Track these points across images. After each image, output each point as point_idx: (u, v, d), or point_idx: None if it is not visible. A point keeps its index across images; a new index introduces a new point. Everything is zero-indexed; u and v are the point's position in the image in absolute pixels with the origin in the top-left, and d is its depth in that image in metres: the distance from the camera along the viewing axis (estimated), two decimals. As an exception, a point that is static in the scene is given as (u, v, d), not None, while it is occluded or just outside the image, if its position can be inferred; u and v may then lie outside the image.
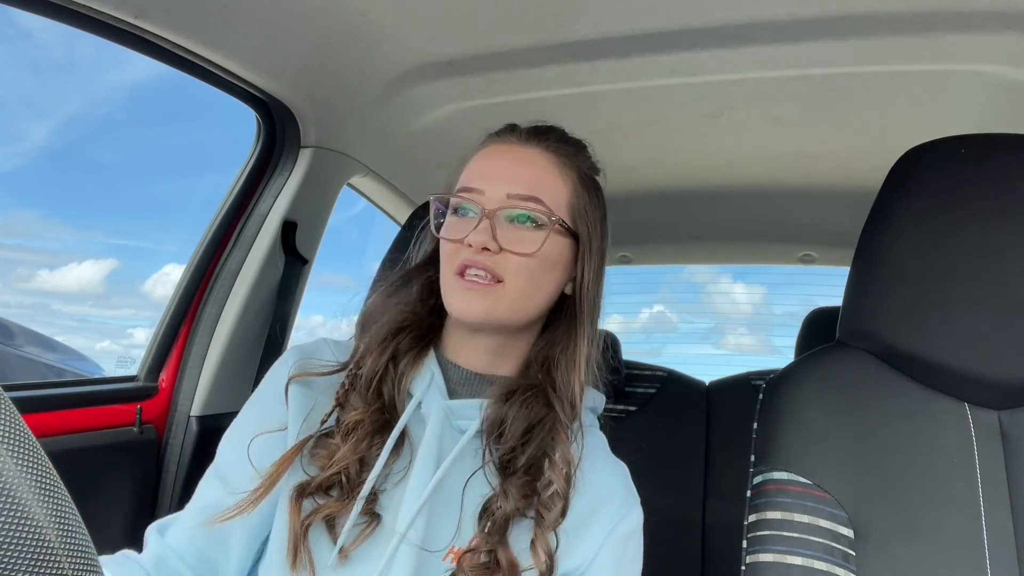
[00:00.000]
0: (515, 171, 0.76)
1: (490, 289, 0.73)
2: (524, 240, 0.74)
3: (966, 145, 0.84)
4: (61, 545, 0.30)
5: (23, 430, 0.31)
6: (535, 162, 0.77)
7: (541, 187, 0.76)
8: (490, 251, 0.72)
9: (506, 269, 0.73)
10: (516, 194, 0.74)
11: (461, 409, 0.76)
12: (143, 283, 4.26)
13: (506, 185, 0.75)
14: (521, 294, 0.74)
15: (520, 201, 0.74)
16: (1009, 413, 0.80)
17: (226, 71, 1.14)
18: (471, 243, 0.72)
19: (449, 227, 0.76)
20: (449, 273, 0.75)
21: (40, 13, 0.92)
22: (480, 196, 0.75)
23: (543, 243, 0.74)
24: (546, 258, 0.75)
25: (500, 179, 0.75)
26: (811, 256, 2.10)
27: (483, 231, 0.72)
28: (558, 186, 0.77)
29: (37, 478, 0.31)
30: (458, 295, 0.73)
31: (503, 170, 0.76)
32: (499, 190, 0.75)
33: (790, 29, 1.07)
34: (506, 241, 0.73)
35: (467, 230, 0.73)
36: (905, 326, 0.82)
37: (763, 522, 0.80)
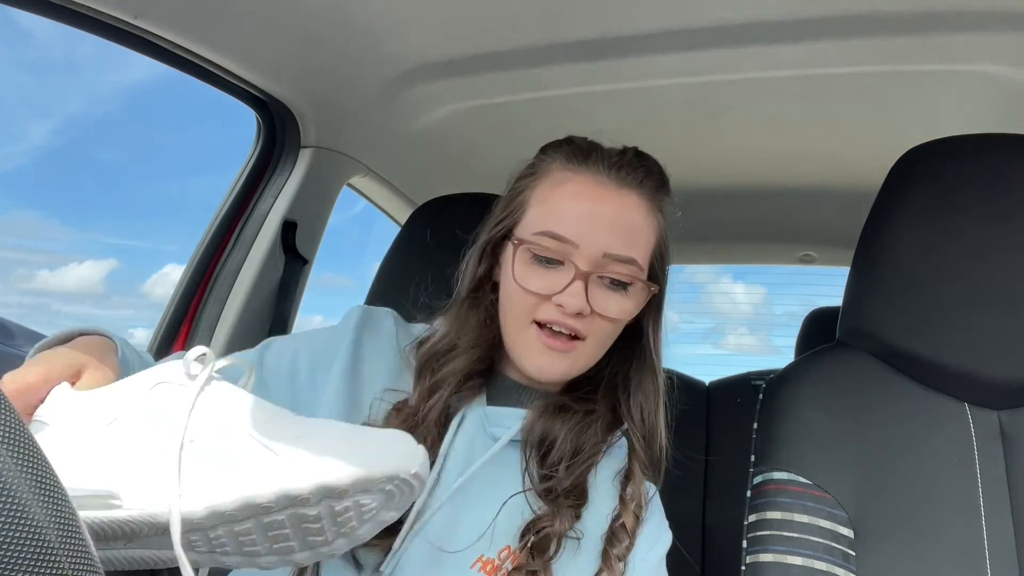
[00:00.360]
0: (614, 225, 0.70)
1: (571, 348, 0.70)
2: (616, 306, 0.71)
3: (966, 145, 0.84)
4: (61, 545, 0.30)
5: (23, 430, 0.31)
6: (632, 214, 0.72)
7: (638, 244, 0.71)
8: (583, 316, 0.69)
9: (591, 329, 0.70)
10: (614, 255, 0.69)
11: (498, 416, 0.74)
12: (143, 283, 4.26)
13: (605, 241, 0.69)
14: (600, 349, 0.73)
15: (618, 265, 0.70)
16: (1009, 413, 0.80)
17: (226, 71, 1.14)
18: (563, 305, 0.68)
19: (532, 276, 0.70)
20: (523, 323, 0.71)
21: (40, 13, 0.92)
22: (574, 251, 0.69)
23: (633, 306, 0.72)
24: (632, 315, 0.73)
25: (598, 233, 0.69)
26: (811, 256, 2.10)
27: (577, 294, 0.68)
28: (649, 237, 0.73)
29: (37, 478, 0.31)
30: (536, 353, 0.71)
31: (602, 222, 0.70)
32: (596, 246, 0.69)
33: (790, 29, 1.07)
34: (598, 304, 0.69)
35: (555, 286, 0.69)
36: (905, 326, 0.82)
37: (763, 522, 0.80)
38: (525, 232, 0.72)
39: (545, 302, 0.69)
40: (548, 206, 0.72)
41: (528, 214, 0.73)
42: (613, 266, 0.70)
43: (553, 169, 0.74)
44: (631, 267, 0.70)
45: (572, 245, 0.69)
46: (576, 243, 0.69)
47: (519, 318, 0.71)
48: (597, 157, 0.73)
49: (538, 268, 0.70)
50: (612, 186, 0.71)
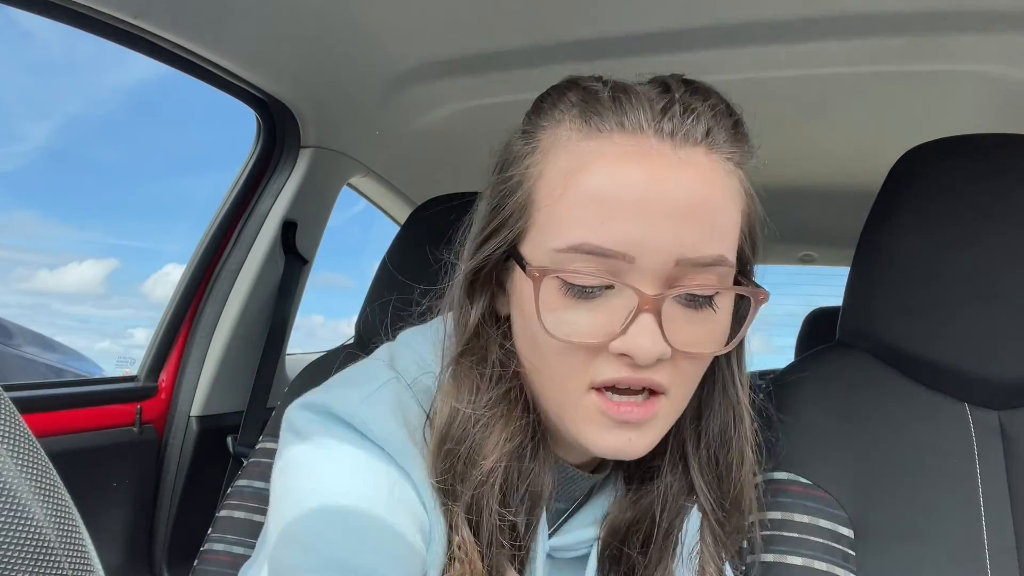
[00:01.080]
0: (685, 210, 0.45)
1: (651, 414, 0.47)
2: (705, 334, 0.48)
3: (966, 145, 0.84)
4: (61, 545, 0.30)
5: (23, 430, 0.31)
6: (707, 184, 0.46)
7: (724, 231, 0.47)
8: (662, 361, 0.46)
9: (675, 375, 0.47)
10: (692, 259, 0.45)
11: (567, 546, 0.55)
12: (143, 283, 4.26)
13: (675, 241, 0.44)
14: (686, 398, 0.51)
15: (701, 272, 0.46)
16: (1009, 413, 0.80)
17: (226, 71, 1.14)
18: (632, 355, 0.45)
19: (570, 318, 0.46)
20: (574, 392, 0.48)
21: (40, 13, 0.92)
22: (629, 267, 0.45)
23: (727, 327, 0.49)
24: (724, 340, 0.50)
25: (662, 230, 0.44)
26: (811, 256, 2.10)
27: (650, 333, 0.44)
28: (734, 214, 0.48)
29: (37, 478, 0.31)
30: (604, 431, 0.47)
31: (664, 210, 0.44)
32: (662, 252, 0.44)
33: (790, 29, 1.07)
34: (681, 337, 0.46)
35: (611, 325, 0.45)
36: (905, 326, 0.82)
37: (763, 522, 0.80)
38: (541, 250, 0.47)
39: (601, 354, 0.46)
40: (570, 202, 0.46)
41: (540, 219, 0.48)
42: (693, 275, 0.46)
43: (564, 137, 0.48)
44: (720, 268, 0.47)
45: (624, 259, 0.44)
46: (631, 255, 0.44)
47: (567, 385, 0.48)
48: (633, 104, 0.47)
49: (577, 303, 0.46)
50: (668, 147, 0.45)
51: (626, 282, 0.45)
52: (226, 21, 1.04)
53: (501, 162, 0.53)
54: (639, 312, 0.45)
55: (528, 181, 0.49)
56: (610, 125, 0.47)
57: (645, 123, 0.46)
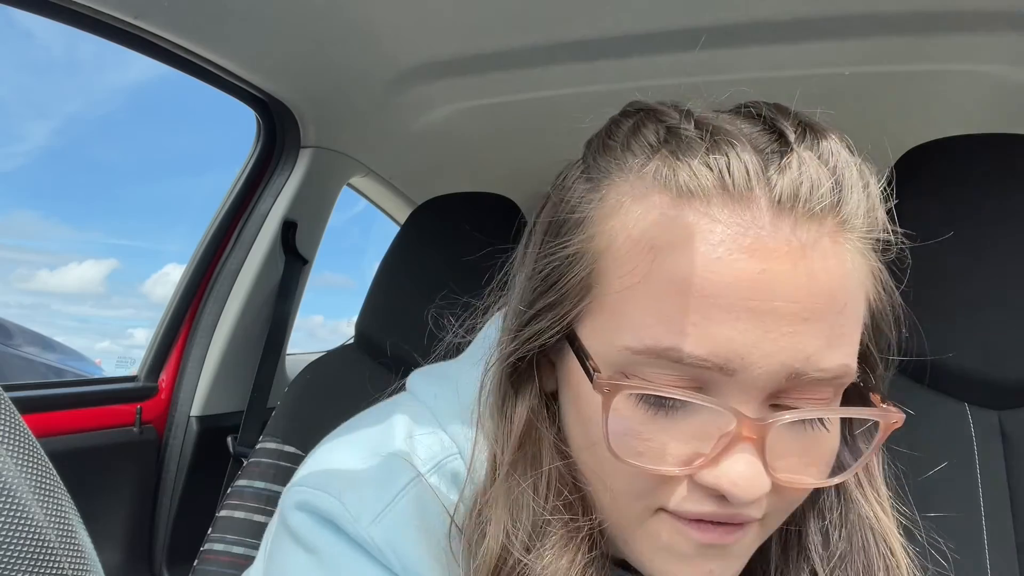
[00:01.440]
0: (803, 315, 0.34)
1: (733, 541, 0.38)
2: (813, 460, 0.38)
3: (966, 145, 0.84)
4: (61, 545, 0.30)
5: (23, 430, 0.31)
6: (836, 279, 0.35)
7: (850, 336, 0.37)
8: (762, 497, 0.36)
9: (772, 507, 0.38)
10: (809, 374, 0.35)
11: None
12: (143, 283, 4.25)
13: (791, 351, 0.34)
14: (780, 521, 0.41)
15: (817, 387, 0.36)
16: (1009, 413, 0.80)
17: (226, 71, 1.14)
18: (728, 493, 0.35)
19: (644, 436, 0.36)
20: (646, 511, 0.38)
21: (40, 13, 0.92)
22: (727, 380, 0.35)
23: (836, 445, 0.39)
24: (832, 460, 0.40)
25: (776, 337, 0.34)
26: (811, 256, 2.10)
27: (750, 468, 0.34)
28: (859, 306, 0.38)
29: (37, 478, 0.31)
30: (677, 560, 0.37)
31: (781, 313, 0.34)
32: (773, 365, 0.34)
33: (790, 29, 1.07)
34: (783, 467, 0.36)
35: (698, 450, 0.36)
36: (905, 326, 0.82)
37: (763, 522, 0.80)
38: (607, 343, 0.37)
39: (678, 481, 0.36)
40: (655, 290, 0.35)
41: (605, 302, 0.37)
42: (806, 390, 0.36)
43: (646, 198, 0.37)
44: (840, 381, 0.37)
45: (724, 372, 0.34)
46: (733, 367, 0.34)
47: (629, 507, 0.38)
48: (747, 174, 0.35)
49: (652, 416, 0.36)
50: (784, 233, 0.34)
51: (723, 401, 0.35)
52: (226, 21, 1.04)
53: (555, 216, 0.40)
54: (738, 440, 0.34)
55: (593, 250, 0.38)
56: (707, 186, 0.35)
57: (764, 204, 0.34)
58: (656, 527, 0.37)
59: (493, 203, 1.13)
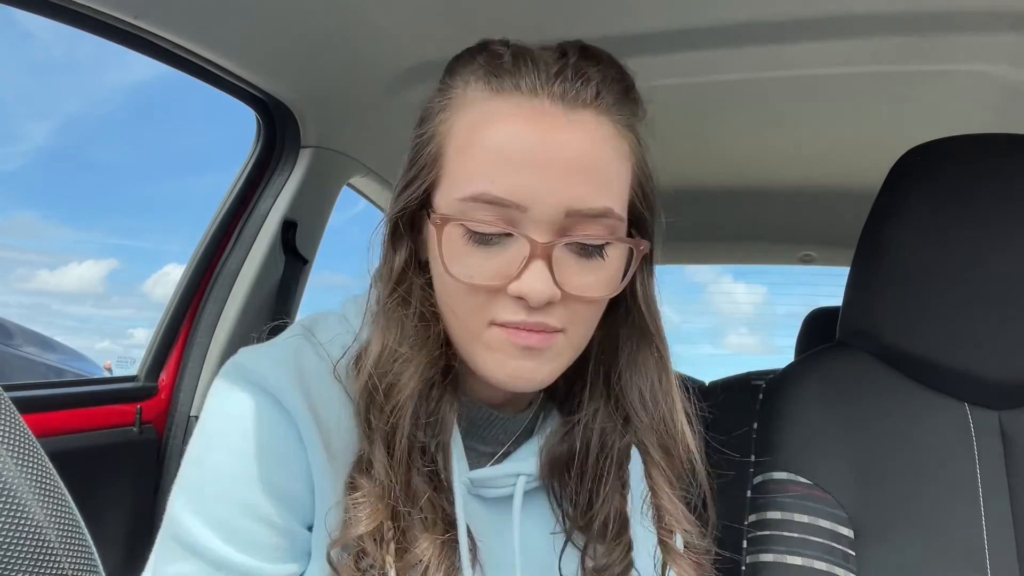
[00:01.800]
0: (574, 166, 0.49)
1: (548, 346, 0.51)
2: (590, 276, 0.52)
3: (966, 145, 0.84)
4: (61, 545, 0.30)
5: (23, 430, 0.31)
6: (596, 143, 0.51)
7: (611, 185, 0.52)
8: (553, 303, 0.50)
9: (570, 318, 0.52)
10: (582, 210, 0.49)
11: (491, 480, 0.56)
12: (143, 283, 4.26)
13: (565, 193, 0.49)
14: (581, 342, 0.55)
15: (589, 223, 0.50)
16: (1009, 413, 0.80)
17: (226, 71, 1.14)
18: (525, 297, 0.49)
19: (472, 263, 0.50)
20: (477, 327, 0.52)
21: (40, 13, 0.92)
22: (523, 216, 0.49)
23: (618, 275, 0.53)
24: (616, 287, 0.54)
25: (553, 182, 0.49)
26: (811, 256, 2.10)
27: (541, 277, 0.49)
28: (623, 171, 0.53)
29: (37, 478, 0.31)
30: (503, 355, 0.51)
31: (555, 165, 0.49)
32: (552, 203, 0.49)
33: (790, 29, 1.07)
34: (572, 282, 0.50)
35: (508, 270, 0.50)
36: (905, 326, 0.82)
37: (763, 522, 0.80)
38: (447, 199, 0.51)
39: (499, 295, 0.50)
40: (473, 155, 0.51)
41: (448, 171, 0.52)
42: (582, 226, 0.50)
43: (471, 96, 0.53)
44: (608, 221, 0.51)
45: (519, 209, 0.49)
46: (524, 205, 0.49)
47: (469, 321, 0.52)
48: (528, 68, 0.51)
49: (478, 248, 0.50)
50: (558, 110, 0.50)
51: (520, 231, 0.49)
52: (226, 21, 1.04)
53: (420, 118, 0.58)
54: (532, 258, 0.49)
55: (439, 135, 0.54)
56: (509, 87, 0.51)
57: (539, 86, 0.50)
58: (488, 337, 0.52)
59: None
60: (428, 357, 0.53)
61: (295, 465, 0.52)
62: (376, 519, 0.50)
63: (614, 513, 0.57)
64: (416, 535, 0.51)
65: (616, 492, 0.58)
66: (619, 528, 0.57)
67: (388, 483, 0.51)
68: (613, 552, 0.57)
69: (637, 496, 0.60)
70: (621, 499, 0.58)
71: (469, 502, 0.55)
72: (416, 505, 0.51)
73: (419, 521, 0.51)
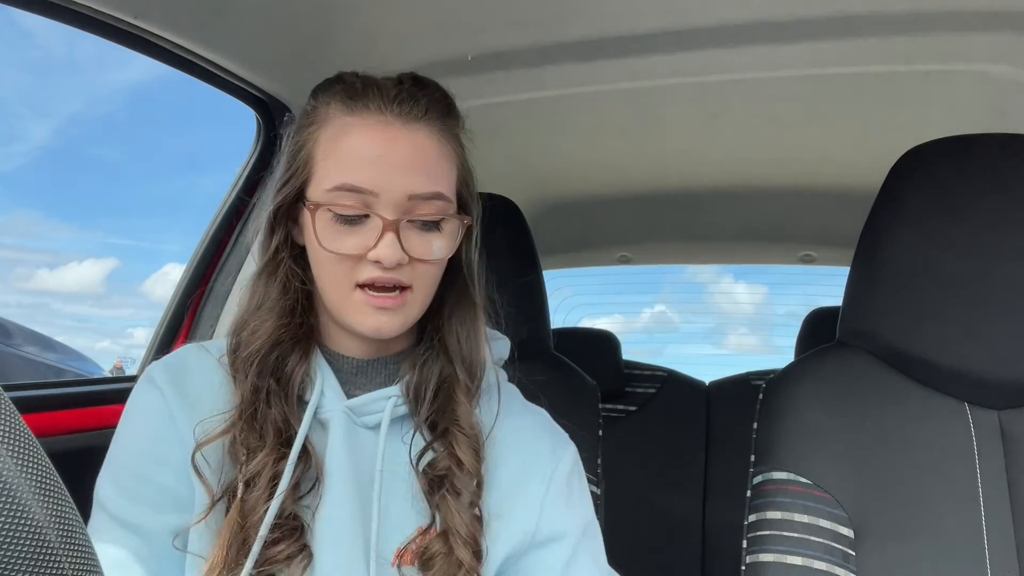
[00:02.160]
0: (411, 164, 0.67)
1: (402, 303, 0.68)
2: (433, 247, 0.68)
3: (966, 145, 0.84)
4: (61, 545, 0.30)
5: (23, 430, 0.31)
6: (426, 148, 0.68)
7: (440, 178, 0.69)
8: (402, 265, 0.66)
9: (415, 276, 0.68)
10: (419, 194, 0.66)
11: (368, 405, 0.71)
12: (143, 283, 4.26)
13: (405, 183, 0.66)
14: (427, 296, 0.71)
15: (426, 204, 0.67)
16: (1009, 413, 0.80)
17: (226, 71, 1.14)
18: (380, 261, 0.65)
19: (339, 238, 0.66)
20: (346, 289, 0.67)
21: (40, 13, 0.92)
22: (376, 200, 0.65)
23: (451, 241, 0.70)
24: (450, 251, 0.71)
25: (396, 175, 0.66)
26: (811, 256, 2.10)
27: (392, 245, 0.65)
28: (449, 168, 0.70)
29: (37, 478, 0.31)
30: (366, 315, 0.67)
31: (397, 163, 0.66)
32: (398, 190, 0.65)
33: (790, 29, 1.07)
34: (415, 249, 0.67)
35: (367, 242, 0.65)
36: (905, 326, 0.82)
37: (763, 522, 0.80)
38: (319, 191, 0.67)
39: (361, 262, 0.66)
40: (337, 157, 0.67)
41: (317, 170, 0.68)
42: (420, 207, 0.67)
43: (332, 115, 0.69)
44: (439, 203, 0.68)
45: (372, 195, 0.65)
46: (376, 191, 0.65)
47: (339, 284, 0.67)
48: (375, 94, 0.69)
49: (343, 227, 0.66)
50: (398, 124, 0.67)
51: (375, 211, 0.66)
52: (226, 21, 1.04)
53: (291, 132, 0.73)
54: (384, 231, 0.65)
55: (309, 143, 0.70)
56: (361, 107, 0.68)
57: (383, 106, 0.68)
58: (355, 298, 0.67)
59: (493, 203, 1.13)
60: (279, 319, 0.70)
61: (167, 434, 0.68)
62: (230, 434, 0.66)
63: (450, 422, 0.72)
64: (257, 454, 0.66)
65: (451, 409, 0.72)
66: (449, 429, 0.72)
67: (242, 412, 0.67)
68: (446, 447, 0.71)
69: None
70: (453, 415, 0.72)
71: (351, 429, 0.70)
72: (263, 430, 0.67)
73: (265, 443, 0.66)
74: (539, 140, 1.50)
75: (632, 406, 1.87)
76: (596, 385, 1.10)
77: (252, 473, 0.65)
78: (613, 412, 1.86)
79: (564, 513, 0.72)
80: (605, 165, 1.66)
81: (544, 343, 1.15)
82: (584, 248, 2.23)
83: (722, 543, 1.74)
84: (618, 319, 3.42)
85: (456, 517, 0.67)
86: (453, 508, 0.67)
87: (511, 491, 0.71)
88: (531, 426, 0.77)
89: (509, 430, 0.74)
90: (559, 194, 1.86)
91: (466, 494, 0.68)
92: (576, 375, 1.10)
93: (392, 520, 0.68)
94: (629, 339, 3.80)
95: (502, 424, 0.73)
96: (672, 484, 1.77)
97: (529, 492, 0.72)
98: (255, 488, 0.65)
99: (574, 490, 0.75)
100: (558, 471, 0.73)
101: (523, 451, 0.74)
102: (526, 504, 0.71)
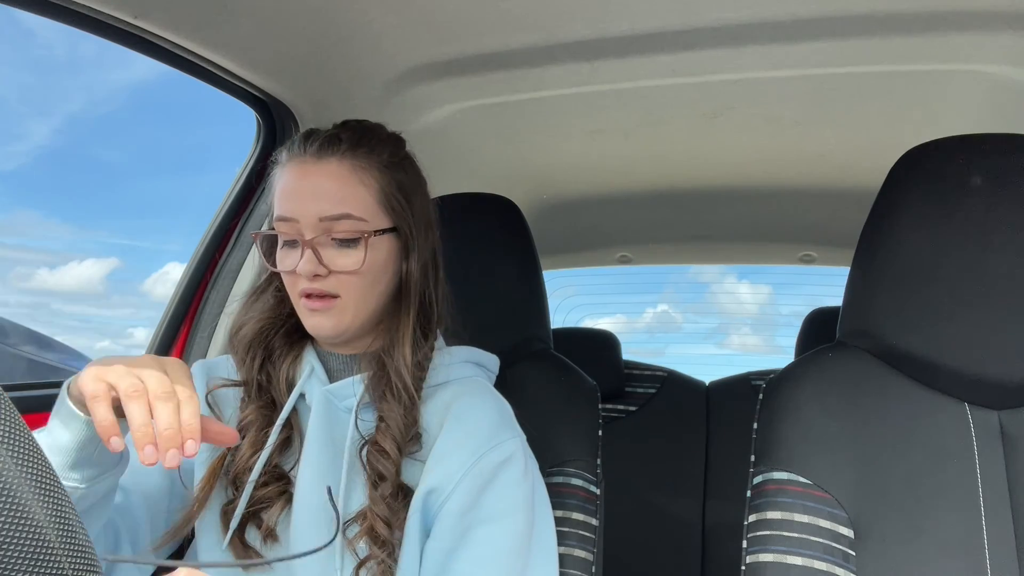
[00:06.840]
0: (319, 192, 0.79)
1: (330, 307, 0.79)
2: (348, 258, 0.79)
3: (966, 145, 0.84)
4: (61, 545, 0.30)
5: (23, 430, 0.31)
6: (335, 177, 0.80)
7: (349, 200, 0.79)
8: (321, 276, 0.78)
9: (339, 287, 0.79)
10: (327, 216, 0.78)
11: (340, 390, 0.83)
12: (143, 282, 4.26)
13: (315, 208, 0.78)
14: (359, 302, 0.81)
15: (333, 222, 0.78)
16: (1009, 413, 0.80)
17: (226, 71, 1.14)
18: (300, 273, 0.78)
19: (281, 259, 0.82)
20: (296, 296, 0.81)
21: (40, 13, 0.92)
22: (296, 226, 0.79)
23: (365, 255, 0.79)
24: (373, 263, 0.80)
25: (308, 203, 0.78)
26: (811, 256, 2.10)
27: (309, 260, 0.77)
28: (361, 191, 0.80)
29: (37, 478, 0.31)
30: (306, 317, 0.81)
31: (307, 193, 0.79)
32: (310, 215, 0.78)
33: (790, 29, 1.07)
34: (333, 262, 0.78)
35: (296, 260, 0.78)
36: (905, 326, 0.82)
37: (763, 522, 0.80)
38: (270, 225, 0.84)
39: (297, 276, 0.79)
40: (276, 196, 0.82)
41: (271, 207, 0.84)
42: (334, 227, 0.78)
43: (282, 161, 0.84)
44: (350, 221, 0.78)
45: (295, 221, 0.79)
46: (296, 218, 0.78)
47: (292, 293, 0.82)
48: (303, 140, 0.82)
49: (285, 250, 0.82)
50: (311, 161, 0.80)
51: (298, 235, 0.79)
52: (226, 21, 1.04)
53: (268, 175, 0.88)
54: (304, 249, 0.78)
55: (272, 185, 0.85)
56: (294, 153, 0.83)
57: (305, 150, 0.82)
58: (300, 304, 0.81)
59: (493, 203, 1.13)
60: (264, 317, 0.86)
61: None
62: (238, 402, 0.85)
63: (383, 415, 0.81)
64: (253, 420, 0.82)
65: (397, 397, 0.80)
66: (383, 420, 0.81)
67: (245, 385, 0.85)
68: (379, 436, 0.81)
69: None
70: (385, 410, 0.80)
71: (331, 409, 0.82)
72: (259, 402, 0.83)
73: (259, 410, 0.83)
74: (539, 140, 1.50)
75: (632, 406, 1.87)
76: (596, 385, 1.10)
77: (246, 422, 0.82)
78: (613, 412, 1.86)
79: (473, 497, 0.77)
80: (605, 165, 1.66)
81: (544, 343, 1.15)
82: (584, 248, 2.23)
83: (722, 543, 1.74)
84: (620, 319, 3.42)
85: (377, 504, 0.77)
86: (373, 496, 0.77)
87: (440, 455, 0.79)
88: (482, 409, 0.83)
89: (458, 408, 0.82)
90: (559, 194, 1.86)
91: (388, 483, 0.77)
92: (576, 375, 1.10)
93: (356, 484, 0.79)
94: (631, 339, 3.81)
95: (454, 405, 0.82)
96: (672, 484, 1.77)
97: (455, 460, 0.78)
98: (246, 440, 0.81)
99: (496, 483, 0.78)
100: (488, 456, 0.78)
101: (464, 427, 0.80)
102: (448, 469, 0.77)
